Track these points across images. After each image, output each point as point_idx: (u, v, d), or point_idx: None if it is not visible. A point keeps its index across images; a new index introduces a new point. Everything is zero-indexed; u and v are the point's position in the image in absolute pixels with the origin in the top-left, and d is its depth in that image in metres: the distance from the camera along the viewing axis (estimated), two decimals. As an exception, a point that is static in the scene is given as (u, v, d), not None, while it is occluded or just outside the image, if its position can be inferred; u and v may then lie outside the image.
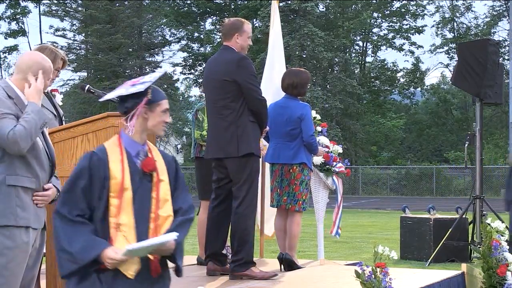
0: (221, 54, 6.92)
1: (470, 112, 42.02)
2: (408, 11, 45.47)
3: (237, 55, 6.74)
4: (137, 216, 3.70)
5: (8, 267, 4.13)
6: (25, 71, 4.30)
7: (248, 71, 6.69)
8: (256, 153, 6.73)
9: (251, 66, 6.76)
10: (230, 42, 6.83)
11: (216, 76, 6.78)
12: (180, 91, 47.27)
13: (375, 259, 5.51)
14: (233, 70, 6.64)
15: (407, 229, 11.34)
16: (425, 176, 36.26)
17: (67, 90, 36.95)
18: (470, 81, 10.95)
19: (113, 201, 3.67)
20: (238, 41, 6.79)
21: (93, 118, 5.26)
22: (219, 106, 6.73)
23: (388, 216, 21.67)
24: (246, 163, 6.65)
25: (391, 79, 46.10)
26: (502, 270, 7.32)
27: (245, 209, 6.69)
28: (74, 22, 39.68)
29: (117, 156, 3.76)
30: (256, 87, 6.70)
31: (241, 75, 6.63)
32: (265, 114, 6.77)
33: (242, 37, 6.80)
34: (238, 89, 6.63)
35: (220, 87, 6.73)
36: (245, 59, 6.74)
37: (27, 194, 4.22)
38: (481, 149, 11.18)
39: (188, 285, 6.66)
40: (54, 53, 5.80)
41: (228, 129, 6.66)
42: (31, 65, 4.32)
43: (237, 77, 6.63)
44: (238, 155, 6.63)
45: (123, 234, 3.66)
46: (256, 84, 6.74)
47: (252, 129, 6.69)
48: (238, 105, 6.64)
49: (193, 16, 44.94)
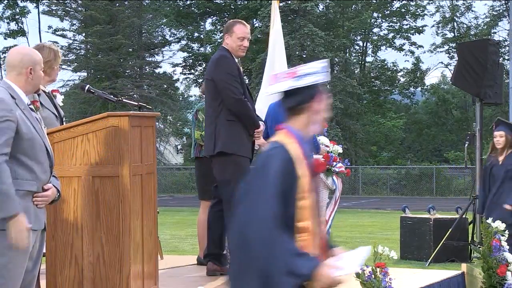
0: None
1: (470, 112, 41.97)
2: (408, 11, 45.45)
3: (218, 53, 6.82)
4: (315, 220, 3.23)
5: (9, 267, 4.12)
6: (18, 66, 4.29)
7: (224, 69, 6.66)
8: (236, 152, 6.57)
9: (228, 65, 6.71)
10: (223, 43, 6.93)
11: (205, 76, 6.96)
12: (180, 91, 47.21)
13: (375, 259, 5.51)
14: (212, 69, 6.73)
15: (407, 229, 11.34)
16: (425, 176, 36.22)
17: (67, 90, 36.91)
18: (470, 81, 10.95)
19: (301, 203, 3.18)
20: (227, 42, 6.84)
21: (93, 118, 5.27)
22: (207, 105, 6.85)
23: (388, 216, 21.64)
24: (225, 162, 6.56)
25: (391, 79, 46.07)
26: (502, 270, 7.32)
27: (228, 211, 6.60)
28: (74, 22, 39.65)
29: (299, 154, 3.28)
30: (232, 86, 6.59)
31: (216, 73, 6.68)
32: (244, 113, 6.61)
33: (231, 38, 6.83)
34: (216, 87, 6.66)
35: (206, 86, 6.89)
36: (223, 58, 6.73)
37: (28, 196, 4.21)
38: (481, 149, 11.17)
39: (188, 285, 6.66)
40: (53, 50, 5.80)
41: (209, 127, 6.71)
42: (21, 58, 4.31)
43: (213, 75, 6.68)
44: (214, 153, 6.62)
45: (302, 241, 3.15)
46: (233, 83, 6.62)
47: (229, 128, 6.59)
48: (217, 104, 6.66)
49: (193, 16, 44.90)
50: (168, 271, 7.22)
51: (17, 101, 4.22)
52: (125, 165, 5.17)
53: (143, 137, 5.45)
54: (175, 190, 36.90)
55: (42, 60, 4.42)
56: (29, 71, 4.31)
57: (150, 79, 39.09)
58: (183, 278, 7.09)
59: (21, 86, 4.30)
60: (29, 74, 4.31)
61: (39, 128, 4.30)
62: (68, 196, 5.21)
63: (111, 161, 5.19)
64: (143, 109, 5.73)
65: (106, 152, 5.20)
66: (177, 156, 46.30)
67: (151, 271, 5.57)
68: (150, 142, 5.59)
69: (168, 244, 12.83)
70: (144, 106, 5.78)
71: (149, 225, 5.50)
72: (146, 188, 5.48)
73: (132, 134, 5.24)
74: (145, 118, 5.56)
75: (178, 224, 17.95)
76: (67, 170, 5.23)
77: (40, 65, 4.38)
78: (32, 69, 4.32)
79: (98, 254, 5.18)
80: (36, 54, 4.40)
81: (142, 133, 5.43)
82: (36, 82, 4.38)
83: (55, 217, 5.22)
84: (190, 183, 36.13)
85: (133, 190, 5.22)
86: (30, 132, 4.21)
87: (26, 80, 4.31)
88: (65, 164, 5.23)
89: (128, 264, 5.17)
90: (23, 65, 4.30)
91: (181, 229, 16.42)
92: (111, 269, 5.19)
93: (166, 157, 41.22)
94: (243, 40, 6.83)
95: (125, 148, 5.18)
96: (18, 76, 4.30)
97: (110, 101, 6.04)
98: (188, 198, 31.28)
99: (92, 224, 5.21)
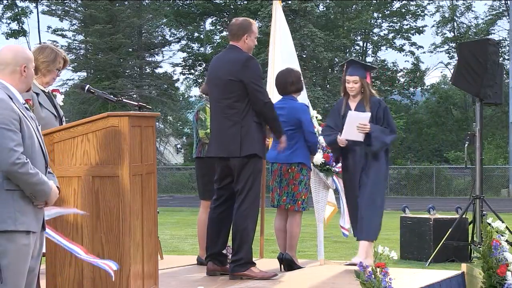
0: (227, 53, 6.92)
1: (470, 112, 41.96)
2: (408, 11, 45.43)
3: (244, 55, 6.74)
4: None
5: (10, 268, 4.12)
6: (11, 63, 4.25)
7: (255, 72, 6.69)
8: (260, 154, 6.72)
9: (258, 67, 6.75)
10: (238, 43, 6.82)
11: (221, 75, 6.77)
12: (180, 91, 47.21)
13: (375, 259, 5.51)
14: (239, 70, 6.64)
15: (407, 229, 11.34)
16: (425, 176, 36.21)
17: (66, 90, 36.89)
18: (470, 81, 10.94)
19: None
20: (246, 42, 6.80)
21: (93, 118, 5.26)
22: (223, 105, 6.72)
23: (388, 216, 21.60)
24: (247, 163, 6.65)
25: (391, 79, 46.07)
26: (502, 270, 7.32)
27: (245, 210, 6.69)
28: (73, 22, 39.65)
29: None
30: (262, 89, 6.71)
31: (247, 75, 6.63)
32: (270, 116, 6.74)
33: (251, 38, 6.82)
34: (244, 89, 6.63)
35: (224, 86, 6.72)
36: (252, 60, 6.74)
37: (27, 197, 4.20)
38: (481, 149, 11.16)
39: (188, 285, 6.67)
40: (55, 52, 5.79)
41: (231, 128, 6.66)
42: (14, 55, 4.27)
43: (243, 77, 6.63)
44: (241, 155, 6.63)
45: None
46: (262, 86, 6.76)
47: (256, 130, 6.68)
48: (243, 105, 6.64)
49: (193, 16, 44.87)
50: (168, 271, 7.22)
51: (13, 100, 4.20)
52: (125, 165, 5.17)
53: (143, 137, 5.44)
54: (175, 190, 36.90)
55: (33, 58, 4.39)
56: (23, 69, 4.27)
57: (150, 79, 39.11)
58: (183, 278, 7.10)
59: (14, 84, 4.26)
60: (23, 72, 4.27)
61: (35, 127, 4.29)
62: (68, 196, 5.21)
63: (111, 161, 5.19)
64: (143, 109, 5.72)
65: (106, 152, 5.20)
66: (177, 156, 46.29)
67: (151, 271, 5.57)
68: (150, 142, 5.59)
69: (168, 244, 12.83)
70: (144, 106, 5.78)
71: (149, 225, 5.50)
72: (146, 188, 5.48)
73: (132, 134, 5.24)
74: (145, 118, 5.56)
75: (178, 224, 17.95)
76: (67, 170, 5.23)
77: (32, 63, 4.35)
78: (26, 67, 4.28)
79: (98, 254, 5.17)
80: (28, 51, 4.37)
81: (142, 133, 5.43)
82: (28, 80, 4.33)
83: (55, 217, 5.21)
84: (190, 183, 36.12)
85: (133, 190, 5.22)
86: (29, 131, 4.21)
87: (20, 78, 4.27)
88: (65, 164, 5.23)
89: (128, 264, 5.17)
90: (17, 62, 4.25)
91: (181, 229, 16.42)
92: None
93: (166, 157, 41.23)
94: (256, 39, 6.90)
95: (125, 148, 5.18)
96: (12, 74, 4.25)
97: (110, 101, 6.04)
98: (188, 198, 31.29)
99: (92, 224, 5.21)
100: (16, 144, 4.09)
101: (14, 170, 4.07)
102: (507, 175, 35.36)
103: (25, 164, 4.09)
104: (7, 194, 4.13)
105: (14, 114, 4.14)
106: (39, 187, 4.17)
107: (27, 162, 4.11)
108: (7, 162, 4.06)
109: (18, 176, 4.09)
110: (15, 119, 4.13)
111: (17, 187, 4.15)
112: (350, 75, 7.55)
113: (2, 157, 4.06)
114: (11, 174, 4.09)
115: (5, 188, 4.13)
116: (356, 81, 7.51)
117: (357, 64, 7.76)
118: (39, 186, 4.17)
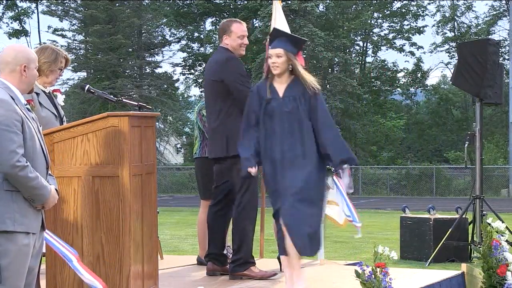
0: (214, 55, 7.09)
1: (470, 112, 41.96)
2: (409, 11, 45.44)
3: (225, 55, 6.79)
4: None
5: (10, 268, 4.12)
6: (11, 62, 4.24)
7: (235, 70, 6.69)
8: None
9: (237, 66, 6.74)
10: (221, 44, 6.93)
11: (207, 77, 6.92)
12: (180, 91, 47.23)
13: (375, 259, 5.51)
14: (220, 70, 6.71)
15: (407, 229, 11.33)
16: (425, 176, 36.20)
17: (66, 90, 36.90)
18: (470, 81, 10.94)
19: None
20: (226, 42, 6.84)
21: (93, 118, 5.27)
22: (211, 106, 6.83)
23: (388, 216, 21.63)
24: (236, 163, 6.59)
25: (391, 79, 46.08)
26: (502, 270, 7.32)
27: (243, 210, 6.68)
28: (73, 22, 39.66)
29: None
30: (243, 86, 6.63)
31: (226, 74, 6.66)
32: None
33: (230, 37, 6.85)
34: (227, 89, 6.65)
35: (210, 87, 6.85)
36: (232, 59, 6.75)
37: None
38: (481, 149, 11.16)
39: (188, 285, 6.67)
40: (56, 52, 5.79)
41: (218, 128, 6.70)
42: (15, 55, 4.26)
43: (223, 77, 6.67)
44: (228, 155, 6.64)
45: None
46: (244, 83, 6.68)
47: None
48: (227, 105, 6.67)
49: (193, 16, 44.88)
50: (168, 271, 7.22)
51: (16, 101, 4.20)
52: (125, 165, 5.17)
53: (143, 137, 5.45)
54: (175, 190, 36.90)
55: (36, 59, 4.38)
56: (23, 68, 4.25)
57: (150, 79, 39.09)
58: (183, 278, 7.10)
59: (15, 84, 4.25)
60: (23, 71, 4.26)
61: (36, 128, 4.29)
62: (68, 196, 5.22)
63: (111, 161, 5.20)
64: (143, 109, 5.73)
65: (106, 152, 5.20)
66: (177, 156, 46.29)
67: (151, 271, 5.57)
68: (150, 142, 5.59)
69: (168, 244, 12.82)
70: (144, 106, 5.79)
71: (149, 225, 5.50)
72: (146, 188, 5.48)
73: (132, 134, 5.24)
74: (145, 118, 5.57)
75: (178, 224, 17.94)
76: (67, 170, 5.23)
77: (35, 63, 4.33)
78: (26, 67, 4.27)
79: (98, 254, 5.18)
80: (30, 52, 4.36)
81: (142, 133, 5.43)
82: (30, 80, 4.32)
83: (55, 217, 5.22)
84: (190, 183, 36.11)
85: (133, 190, 5.23)
86: (31, 132, 4.21)
87: (20, 78, 4.26)
88: (65, 164, 5.23)
89: (128, 264, 5.17)
90: (17, 61, 4.24)
91: (181, 229, 16.42)
92: (111, 269, 5.19)
93: (166, 157, 41.24)
94: (243, 38, 6.86)
95: (125, 148, 5.18)
96: (12, 74, 4.24)
97: (110, 101, 6.04)
98: (188, 198, 31.28)
99: (92, 224, 5.21)
100: (18, 146, 4.09)
101: (14, 173, 4.07)
102: (507, 175, 35.36)
103: (25, 167, 4.09)
104: (7, 195, 4.13)
105: (16, 115, 4.13)
106: (37, 191, 4.17)
107: (27, 165, 4.10)
108: (8, 164, 4.06)
109: (18, 178, 4.09)
110: (17, 120, 4.13)
111: (16, 188, 4.15)
112: (273, 48, 5.96)
113: (2, 159, 4.06)
114: (11, 176, 4.09)
115: (4, 188, 4.13)
116: (280, 55, 5.90)
117: (283, 36, 6.11)
118: (37, 190, 4.17)
